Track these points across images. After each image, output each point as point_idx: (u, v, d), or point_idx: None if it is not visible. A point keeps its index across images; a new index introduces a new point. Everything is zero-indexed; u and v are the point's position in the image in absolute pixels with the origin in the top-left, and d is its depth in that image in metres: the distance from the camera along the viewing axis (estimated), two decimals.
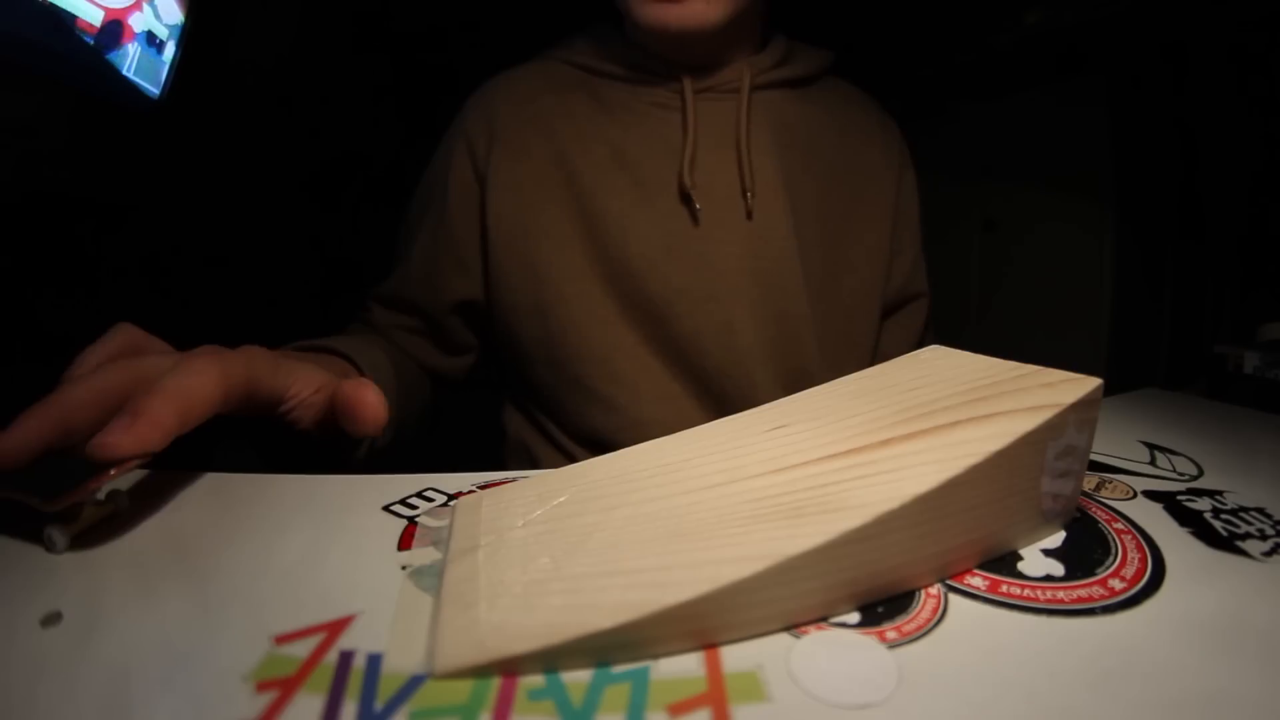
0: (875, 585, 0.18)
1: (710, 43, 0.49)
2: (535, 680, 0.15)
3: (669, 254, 0.49)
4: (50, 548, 0.21)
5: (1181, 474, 0.28)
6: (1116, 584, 0.20)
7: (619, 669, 0.16)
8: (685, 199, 0.50)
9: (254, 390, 0.27)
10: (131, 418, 0.21)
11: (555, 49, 0.56)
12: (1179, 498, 0.26)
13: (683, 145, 0.50)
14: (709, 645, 0.17)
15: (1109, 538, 0.22)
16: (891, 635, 0.17)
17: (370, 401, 0.27)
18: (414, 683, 0.15)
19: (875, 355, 0.57)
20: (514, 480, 0.25)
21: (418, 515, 0.24)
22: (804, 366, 0.51)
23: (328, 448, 0.33)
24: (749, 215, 0.50)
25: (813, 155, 0.53)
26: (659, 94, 0.52)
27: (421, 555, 0.21)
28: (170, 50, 0.97)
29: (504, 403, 0.59)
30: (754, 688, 0.15)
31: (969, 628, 0.18)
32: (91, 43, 0.83)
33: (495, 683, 0.15)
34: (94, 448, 0.20)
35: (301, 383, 0.30)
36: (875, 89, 0.61)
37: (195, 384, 0.23)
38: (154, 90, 0.95)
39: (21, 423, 0.22)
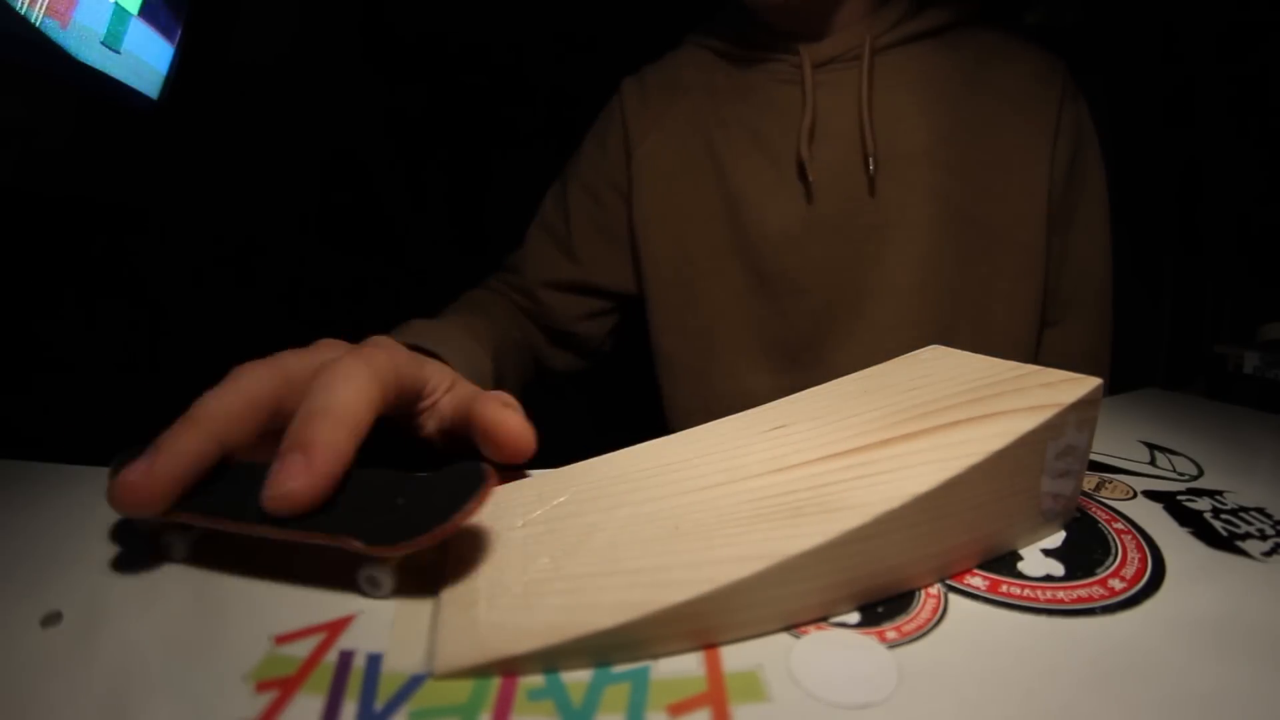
0: (875, 585, 0.18)
1: (815, 12, 0.49)
2: (535, 680, 0.15)
3: (808, 230, 0.50)
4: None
5: (1181, 474, 0.28)
6: (1116, 584, 0.20)
7: (619, 669, 0.16)
8: (805, 173, 0.50)
9: (401, 389, 0.24)
10: (304, 453, 0.18)
11: (695, 33, 0.57)
12: (1179, 498, 0.26)
13: (800, 119, 0.49)
14: (709, 645, 0.17)
15: (1109, 538, 0.22)
16: (891, 635, 0.17)
17: (514, 429, 0.23)
18: (414, 683, 0.15)
19: (1039, 350, 0.54)
20: (514, 480, 0.25)
21: None
22: (949, 340, 0.48)
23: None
24: (871, 185, 0.49)
25: (952, 115, 0.49)
26: (782, 69, 0.51)
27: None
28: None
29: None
30: (754, 688, 0.15)
31: (969, 628, 0.18)
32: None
33: (495, 683, 0.15)
34: (275, 500, 0.17)
35: (437, 377, 0.27)
36: None
37: (354, 396, 0.20)
38: (152, 95, 0.95)
39: (172, 444, 0.19)
